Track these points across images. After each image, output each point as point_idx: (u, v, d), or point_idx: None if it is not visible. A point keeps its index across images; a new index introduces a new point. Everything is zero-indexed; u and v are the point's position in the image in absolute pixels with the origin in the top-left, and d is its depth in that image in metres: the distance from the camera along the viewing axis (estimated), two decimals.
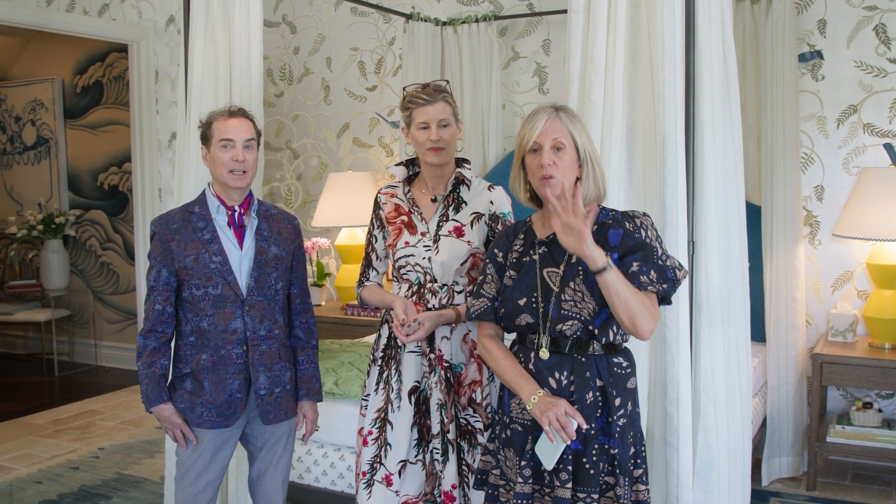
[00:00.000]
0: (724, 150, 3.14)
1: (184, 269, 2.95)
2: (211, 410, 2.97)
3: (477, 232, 2.99)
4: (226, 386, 2.97)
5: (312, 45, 6.56)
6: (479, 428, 2.96)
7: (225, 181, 2.96)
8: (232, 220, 3.01)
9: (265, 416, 3.04)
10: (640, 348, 3.05)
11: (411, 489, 3.01)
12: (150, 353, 2.99)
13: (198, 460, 3.03)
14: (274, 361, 3.04)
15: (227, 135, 2.94)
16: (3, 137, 8.52)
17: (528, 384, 2.51)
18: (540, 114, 2.54)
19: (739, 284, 3.22)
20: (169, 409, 2.99)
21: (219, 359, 2.97)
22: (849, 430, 4.56)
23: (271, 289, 3.03)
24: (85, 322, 8.18)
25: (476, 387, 2.97)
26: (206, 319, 2.97)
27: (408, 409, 3.00)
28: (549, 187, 2.48)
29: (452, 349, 2.99)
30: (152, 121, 6.92)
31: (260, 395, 3.01)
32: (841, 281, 4.98)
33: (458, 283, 3.00)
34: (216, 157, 2.96)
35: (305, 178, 6.66)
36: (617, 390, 2.51)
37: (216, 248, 2.96)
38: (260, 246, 3.02)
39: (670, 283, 2.48)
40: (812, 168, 4.99)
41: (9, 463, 5.23)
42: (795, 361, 4.75)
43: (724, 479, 3.14)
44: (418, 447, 3.02)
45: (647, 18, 3.06)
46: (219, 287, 2.95)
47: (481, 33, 5.68)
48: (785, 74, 4.63)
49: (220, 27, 3.78)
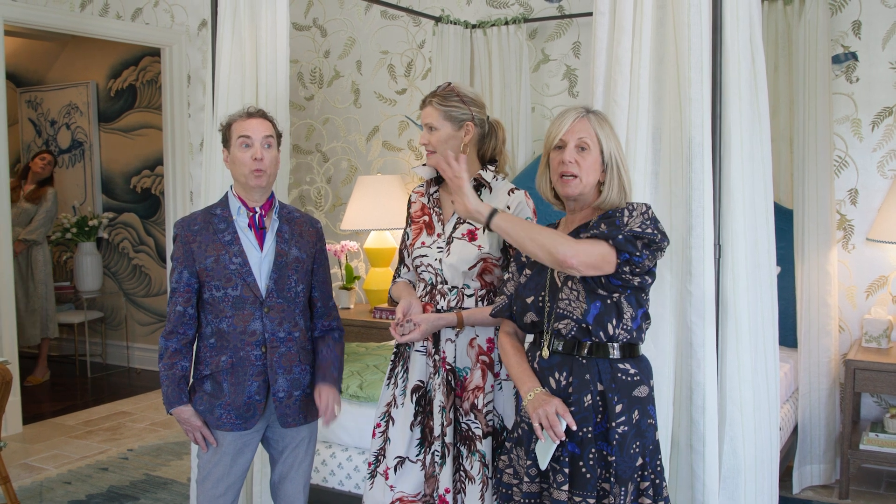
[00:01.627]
0: (752, 152, 3.09)
1: (204, 270, 2.95)
2: (230, 412, 2.97)
3: (489, 236, 2.95)
4: (244, 388, 2.97)
5: (343, 48, 6.58)
6: (478, 434, 2.92)
7: (246, 181, 2.96)
8: (253, 221, 3.01)
9: (283, 420, 3.03)
10: (666, 353, 3.02)
11: (407, 487, 2.99)
12: (172, 355, 2.99)
13: (218, 463, 3.03)
14: (293, 364, 3.03)
15: (244, 132, 2.95)
16: (39, 141, 8.62)
17: (528, 381, 2.54)
18: (569, 112, 2.56)
19: (767, 289, 3.17)
20: (188, 410, 2.99)
21: (238, 360, 2.97)
22: (882, 438, 4.48)
23: (291, 291, 3.02)
24: (117, 324, 8.25)
25: (479, 393, 2.93)
26: (225, 321, 2.97)
27: (409, 406, 3.00)
28: (569, 186, 2.51)
29: (457, 352, 2.97)
30: (184, 124, 6.97)
31: (278, 397, 3.00)
32: (875, 286, 4.90)
33: (468, 287, 2.98)
34: (236, 157, 2.96)
35: (335, 181, 6.68)
36: (619, 396, 2.47)
37: (236, 250, 2.96)
38: (280, 248, 3.02)
39: (616, 230, 2.41)
40: (846, 171, 4.91)
41: (39, 463, 5.28)
42: (828, 367, 4.67)
43: (751, 486, 3.09)
44: (420, 447, 3.01)
45: (673, 20, 3.02)
46: (238, 288, 2.95)
47: (511, 36, 5.66)
48: (818, 76, 4.56)
49: (247, 30, 3.79)
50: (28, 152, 8.67)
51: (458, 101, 2.95)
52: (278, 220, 3.06)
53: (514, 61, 5.67)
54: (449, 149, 2.93)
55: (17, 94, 8.68)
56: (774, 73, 4.89)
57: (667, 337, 3.02)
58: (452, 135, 2.94)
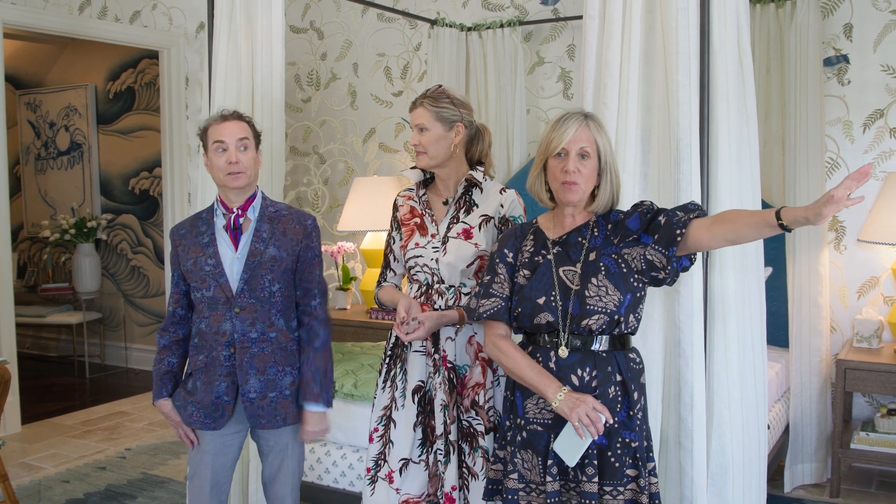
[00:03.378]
0: (740, 153, 3.13)
1: (187, 272, 3.03)
2: (199, 411, 3.01)
3: (485, 235, 3.00)
4: (213, 388, 2.99)
5: (339, 50, 6.62)
6: (480, 431, 2.97)
7: (223, 183, 2.99)
8: (229, 222, 3.03)
9: (255, 421, 3.02)
10: (655, 352, 3.05)
11: (412, 488, 3.02)
12: (161, 351, 3.10)
13: (201, 462, 3.08)
14: (268, 365, 3.00)
15: (218, 137, 2.97)
16: (38, 143, 8.66)
17: (551, 382, 2.53)
18: (571, 120, 2.59)
19: (755, 288, 3.20)
20: (167, 405, 3.08)
21: (210, 360, 3.00)
22: (873, 437, 4.52)
23: (265, 291, 2.99)
24: (116, 325, 8.29)
25: (479, 389, 2.97)
26: (204, 321, 3.02)
27: (411, 407, 3.02)
28: (571, 192, 2.59)
29: (457, 350, 3.00)
30: (182, 126, 7.01)
31: (249, 398, 2.99)
32: (867, 287, 4.94)
33: (465, 285, 3.02)
34: (212, 161, 2.99)
35: (332, 182, 6.72)
36: (635, 385, 2.59)
37: (212, 251, 3.00)
38: (255, 247, 3.00)
39: (692, 207, 2.57)
40: (838, 173, 4.95)
41: (38, 462, 5.32)
42: (819, 367, 4.71)
43: (739, 484, 3.12)
44: (422, 447, 3.03)
45: (661, 23, 3.06)
46: (211, 289, 2.99)
47: (506, 38, 5.70)
48: (809, 78, 4.60)
49: (243, 33, 3.83)
50: (27, 154, 8.71)
51: (449, 102, 2.99)
52: (258, 219, 3.05)
53: (510, 64, 5.70)
54: (439, 149, 2.98)
55: (16, 96, 8.72)
56: (766, 75, 4.93)
57: (656, 335, 3.06)
58: (443, 135, 2.98)
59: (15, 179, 8.72)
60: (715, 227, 2.47)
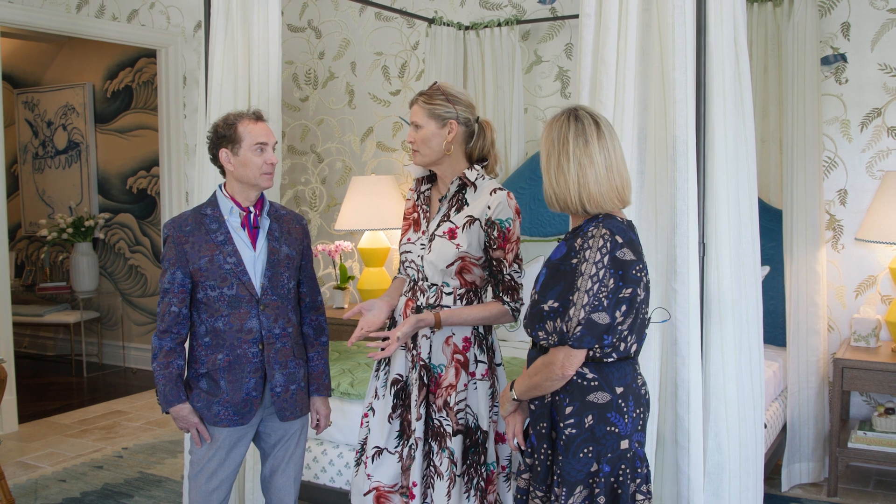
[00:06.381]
0: (737, 151, 3.13)
1: (198, 270, 3.00)
2: (228, 409, 3.03)
3: (467, 235, 2.96)
4: (242, 385, 3.03)
5: (337, 49, 6.61)
6: (448, 432, 2.95)
7: (257, 182, 3.03)
8: (246, 221, 3.06)
9: (282, 413, 3.11)
10: (651, 350, 3.05)
11: (383, 477, 3.05)
12: (167, 354, 3.04)
13: (212, 458, 3.08)
14: (289, 359, 3.11)
15: (261, 139, 3.02)
16: (36, 142, 8.65)
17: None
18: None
19: (752, 286, 3.20)
20: (186, 408, 3.05)
21: (235, 358, 3.03)
22: (871, 436, 4.51)
23: (284, 288, 3.10)
24: (113, 324, 8.28)
25: (451, 391, 2.97)
26: (221, 320, 3.02)
27: (388, 399, 3.07)
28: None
29: (432, 349, 3.01)
30: (180, 125, 7.01)
31: (276, 392, 3.08)
32: (864, 286, 4.93)
33: (447, 285, 3.01)
34: (248, 160, 3.00)
35: (330, 181, 6.71)
36: (570, 398, 2.48)
37: (230, 250, 3.01)
38: (272, 246, 3.08)
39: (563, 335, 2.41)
40: (835, 172, 4.95)
41: (35, 461, 5.31)
42: (816, 366, 4.71)
43: (736, 482, 3.12)
44: (399, 439, 3.06)
45: (658, 21, 3.06)
46: (234, 287, 3.01)
47: (504, 37, 5.70)
48: (807, 77, 4.59)
49: (240, 32, 3.83)
50: (25, 153, 8.71)
51: (443, 99, 2.98)
52: (268, 218, 3.13)
53: (507, 63, 5.70)
54: (433, 146, 2.98)
55: (14, 95, 8.72)
56: (764, 74, 4.93)
57: (652, 334, 3.06)
58: (436, 133, 2.98)
59: (12, 178, 8.73)
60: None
